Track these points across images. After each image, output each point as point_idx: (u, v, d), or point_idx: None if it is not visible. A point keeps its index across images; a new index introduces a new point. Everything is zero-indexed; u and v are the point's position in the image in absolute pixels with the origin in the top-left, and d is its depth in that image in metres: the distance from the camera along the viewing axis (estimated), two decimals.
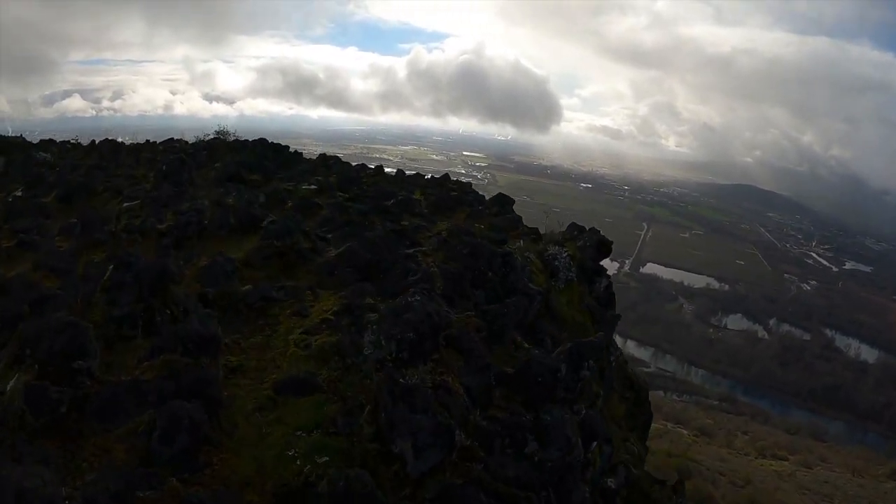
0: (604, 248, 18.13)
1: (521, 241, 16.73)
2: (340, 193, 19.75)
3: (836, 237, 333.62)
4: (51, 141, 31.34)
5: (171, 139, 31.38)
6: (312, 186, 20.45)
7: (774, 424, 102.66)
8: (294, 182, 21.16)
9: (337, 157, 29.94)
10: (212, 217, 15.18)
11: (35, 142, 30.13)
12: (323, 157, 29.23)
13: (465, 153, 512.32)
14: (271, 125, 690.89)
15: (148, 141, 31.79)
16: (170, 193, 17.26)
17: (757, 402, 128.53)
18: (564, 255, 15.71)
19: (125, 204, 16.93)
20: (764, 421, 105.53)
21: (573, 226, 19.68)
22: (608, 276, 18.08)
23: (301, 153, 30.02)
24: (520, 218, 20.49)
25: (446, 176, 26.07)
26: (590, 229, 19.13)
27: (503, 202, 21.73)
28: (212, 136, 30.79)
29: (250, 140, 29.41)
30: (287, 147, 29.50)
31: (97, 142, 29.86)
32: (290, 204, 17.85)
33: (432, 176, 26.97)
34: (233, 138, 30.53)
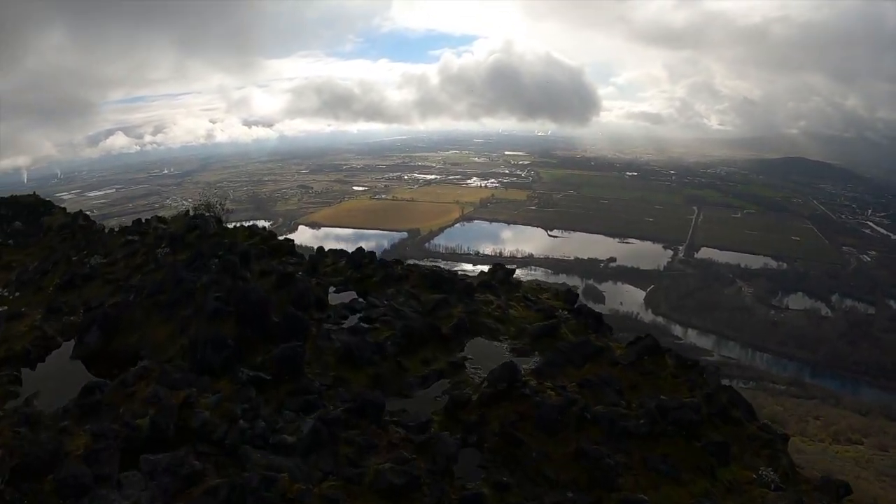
0: None
1: None
2: None
3: (893, 203, 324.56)
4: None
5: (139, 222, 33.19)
6: None
7: (845, 406, 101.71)
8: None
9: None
10: None
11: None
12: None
13: (506, 153, 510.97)
14: (312, 143, 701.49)
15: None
16: None
17: (826, 384, 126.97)
18: None
19: None
20: (835, 403, 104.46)
21: None
22: None
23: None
24: None
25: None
26: None
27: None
28: (193, 215, 30.78)
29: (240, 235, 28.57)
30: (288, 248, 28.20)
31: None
32: None
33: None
34: (224, 214, 33.15)
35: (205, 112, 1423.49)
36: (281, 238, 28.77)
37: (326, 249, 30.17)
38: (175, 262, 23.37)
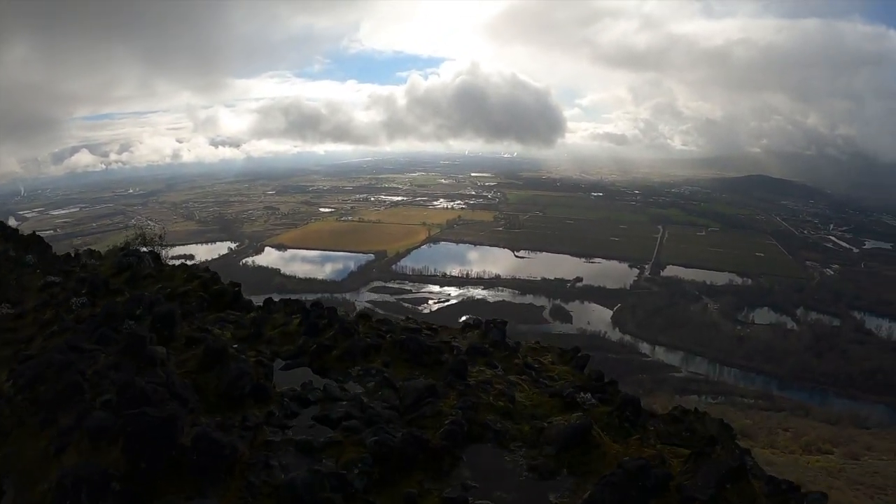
0: None
1: None
2: None
3: (854, 217, 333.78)
4: None
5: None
6: None
7: (815, 417, 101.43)
8: None
9: None
10: None
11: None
12: None
13: (473, 174, 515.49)
14: (279, 164, 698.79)
15: None
16: None
17: (794, 396, 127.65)
18: None
19: None
20: (804, 414, 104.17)
21: None
22: None
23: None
24: None
25: None
26: None
27: None
28: (126, 251, 23.93)
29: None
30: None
31: None
32: None
33: None
34: (164, 249, 28.32)
35: (171, 131, 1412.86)
36: (226, 283, 20.86)
37: (278, 300, 20.70)
38: (77, 324, 13.31)
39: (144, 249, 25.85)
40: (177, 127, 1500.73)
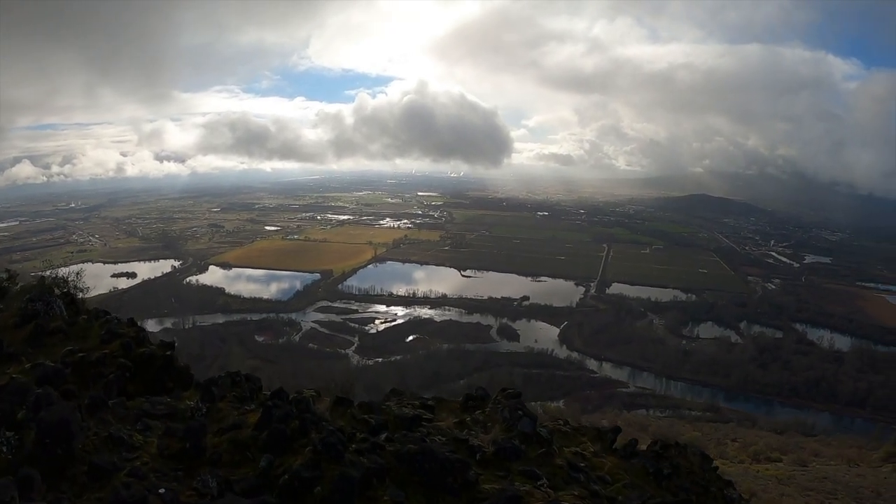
0: None
1: None
2: None
3: (794, 233, 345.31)
4: None
5: None
6: None
7: (762, 426, 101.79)
8: None
9: None
10: None
11: None
12: None
13: (420, 193, 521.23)
14: (224, 181, 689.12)
15: None
16: None
17: (741, 407, 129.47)
18: None
19: None
20: (751, 424, 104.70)
21: None
22: None
23: None
24: None
25: None
26: None
27: None
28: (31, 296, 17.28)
29: None
30: None
31: None
32: None
33: None
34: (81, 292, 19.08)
35: (116, 144, 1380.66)
36: (154, 345, 14.95)
37: (224, 375, 13.84)
38: None
39: (58, 292, 19.76)
40: (121, 140, 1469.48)
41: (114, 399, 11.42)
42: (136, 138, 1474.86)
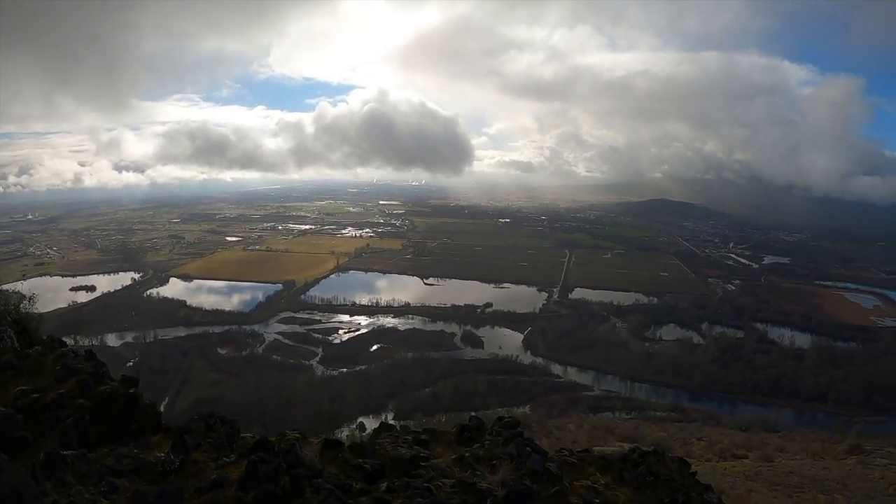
0: None
1: None
2: None
3: (752, 235, 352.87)
4: None
5: None
6: None
7: (726, 425, 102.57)
8: None
9: None
10: None
11: None
12: None
13: (381, 202, 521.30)
14: (184, 191, 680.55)
15: None
16: None
17: (705, 406, 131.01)
18: None
19: None
20: (716, 423, 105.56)
21: None
22: None
23: None
24: None
25: None
26: None
27: None
28: None
29: None
30: None
31: None
32: None
33: None
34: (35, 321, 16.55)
35: (74, 153, 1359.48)
36: (115, 381, 12.94)
37: (197, 418, 12.03)
38: None
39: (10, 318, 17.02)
40: (79, 149, 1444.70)
41: (73, 450, 9.85)
42: (94, 148, 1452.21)
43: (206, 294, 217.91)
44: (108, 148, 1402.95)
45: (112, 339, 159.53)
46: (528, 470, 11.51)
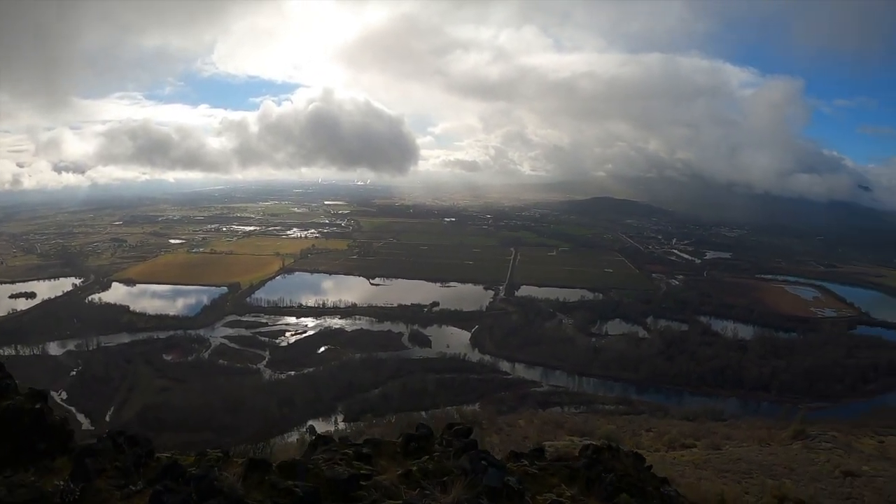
0: None
1: None
2: None
3: (694, 232, 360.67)
4: None
5: None
6: None
7: (674, 416, 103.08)
8: None
9: None
10: None
11: None
12: None
13: (326, 203, 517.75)
14: (126, 192, 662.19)
15: None
16: None
17: (652, 399, 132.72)
18: None
19: None
20: (664, 414, 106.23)
21: None
22: None
23: None
24: None
25: None
26: None
27: None
28: None
29: None
30: None
31: None
32: None
33: None
34: None
35: (12, 154, 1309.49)
36: (21, 395, 11.24)
37: (105, 437, 10.52)
38: None
39: None
40: (17, 149, 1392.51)
41: None
42: (33, 148, 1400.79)
43: (149, 298, 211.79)
44: (47, 148, 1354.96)
45: (54, 348, 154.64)
46: (485, 487, 10.18)
